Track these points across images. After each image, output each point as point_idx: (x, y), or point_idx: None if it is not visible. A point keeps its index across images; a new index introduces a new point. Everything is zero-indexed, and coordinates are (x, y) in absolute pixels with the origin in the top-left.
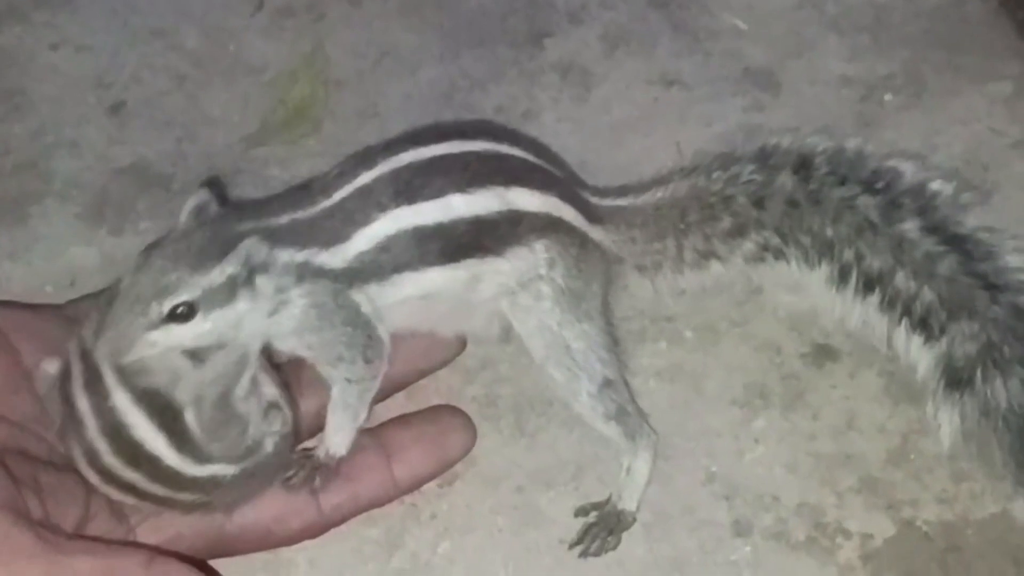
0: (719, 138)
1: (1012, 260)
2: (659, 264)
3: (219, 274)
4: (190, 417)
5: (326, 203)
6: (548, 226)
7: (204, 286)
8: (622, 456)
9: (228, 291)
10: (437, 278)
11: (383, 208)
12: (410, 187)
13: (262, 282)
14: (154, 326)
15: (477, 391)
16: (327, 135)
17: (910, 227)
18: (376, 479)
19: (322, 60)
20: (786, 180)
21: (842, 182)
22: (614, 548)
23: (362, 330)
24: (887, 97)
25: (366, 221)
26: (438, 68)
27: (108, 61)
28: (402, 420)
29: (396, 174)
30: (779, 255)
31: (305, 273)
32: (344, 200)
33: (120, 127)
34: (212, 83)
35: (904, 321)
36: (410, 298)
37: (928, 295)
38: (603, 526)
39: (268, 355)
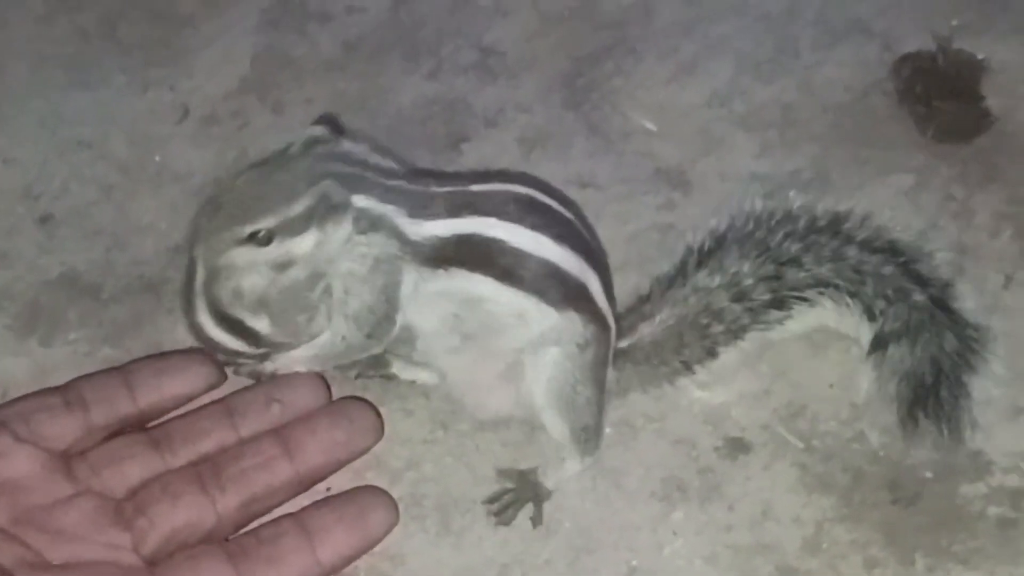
0: (634, 237)
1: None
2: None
3: (298, 207)
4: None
5: (432, 187)
6: (596, 307)
7: (282, 217)
8: (563, 451)
9: (304, 223)
10: (490, 291)
11: (477, 212)
12: (509, 209)
13: (334, 221)
14: (238, 244)
15: (403, 491)
16: None
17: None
18: (300, 561)
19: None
20: (741, 264)
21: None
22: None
23: (387, 306)
24: (792, 193)
25: (457, 214)
26: None
27: (37, 172)
28: (322, 501)
29: (502, 195)
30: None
31: (380, 226)
32: (449, 193)
33: (49, 237)
34: (140, 192)
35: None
36: (453, 297)
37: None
38: (521, 493)
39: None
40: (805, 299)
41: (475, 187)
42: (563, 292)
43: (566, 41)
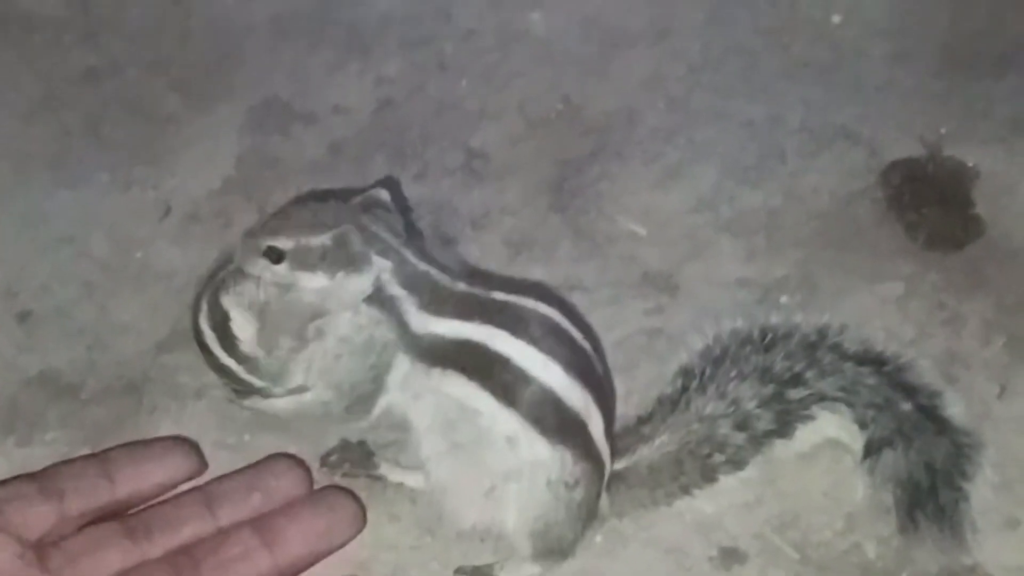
0: (621, 342)
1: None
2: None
3: (313, 242)
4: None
5: (456, 283)
6: (592, 446)
7: (297, 243)
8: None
9: (316, 259)
10: (484, 405)
11: (490, 322)
12: (525, 326)
13: (347, 272)
14: (257, 253)
15: None
16: None
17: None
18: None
19: None
20: (741, 388)
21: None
22: None
23: (372, 386)
24: (783, 299)
25: (469, 318)
26: None
27: (17, 270)
28: (285, 506)
29: (523, 310)
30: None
31: (386, 307)
32: (470, 294)
33: (29, 336)
34: (121, 290)
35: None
36: (443, 402)
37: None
38: None
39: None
40: (807, 417)
41: (498, 295)
42: (560, 425)
43: (551, 145)
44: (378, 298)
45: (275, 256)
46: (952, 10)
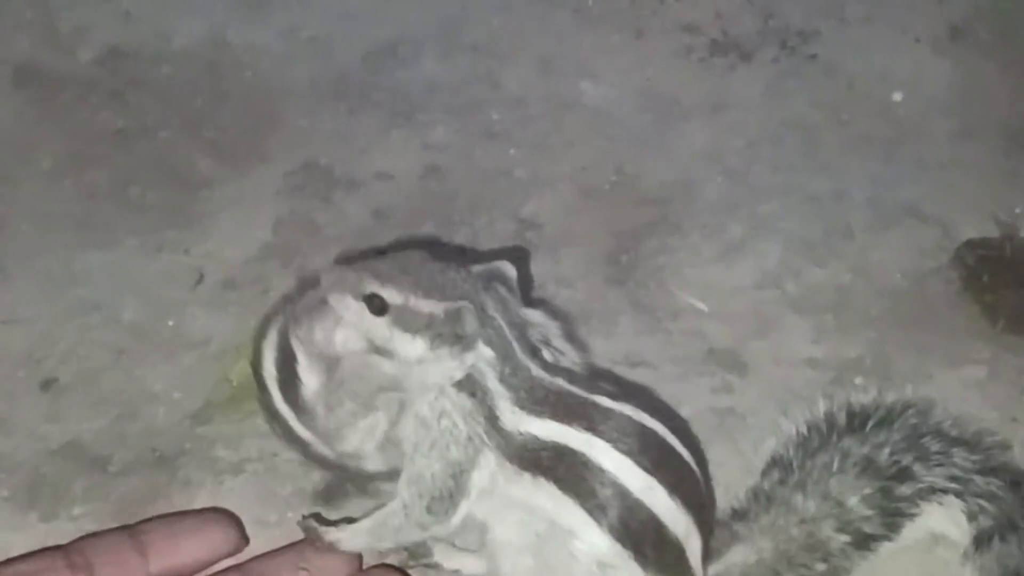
0: (690, 421)
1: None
2: None
3: (423, 305)
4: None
5: (560, 382)
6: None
7: (405, 302)
8: None
9: (420, 325)
10: (577, 523)
11: (591, 430)
12: (628, 439)
13: (449, 349)
14: (356, 295)
15: None
16: None
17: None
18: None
19: None
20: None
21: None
22: None
23: (452, 484)
24: (857, 380)
25: (569, 422)
26: None
27: (41, 334)
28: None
29: (627, 420)
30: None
31: (475, 392)
32: (572, 395)
33: (53, 405)
34: (152, 358)
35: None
36: (535, 512)
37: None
38: None
39: None
40: (915, 513)
41: (602, 399)
42: (659, 554)
43: (607, 216)
44: (470, 386)
45: (377, 306)
46: (1012, 89)
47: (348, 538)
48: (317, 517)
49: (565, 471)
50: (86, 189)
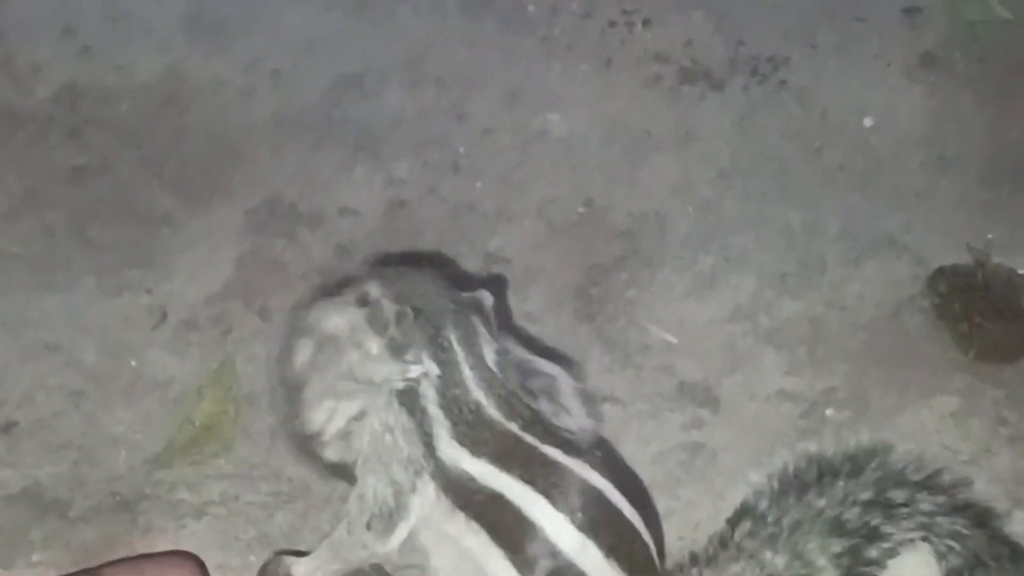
0: (660, 457)
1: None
2: None
3: (390, 308)
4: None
5: (511, 427)
6: None
7: (379, 300)
8: None
9: (381, 325)
10: (484, 556)
11: (529, 481)
12: (570, 498)
13: (395, 356)
14: (356, 287)
15: None
16: (239, 455)
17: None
18: None
19: (231, 375)
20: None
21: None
22: None
23: (395, 502)
24: (829, 412)
25: (507, 468)
26: None
27: None
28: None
29: (573, 477)
30: None
31: (414, 412)
32: (516, 439)
33: (10, 449)
34: (111, 401)
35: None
36: (463, 556)
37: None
38: None
39: None
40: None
41: (549, 450)
42: None
43: (575, 249)
44: (409, 404)
45: (361, 299)
46: (989, 118)
47: (309, 567)
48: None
49: (497, 519)
50: (44, 228)
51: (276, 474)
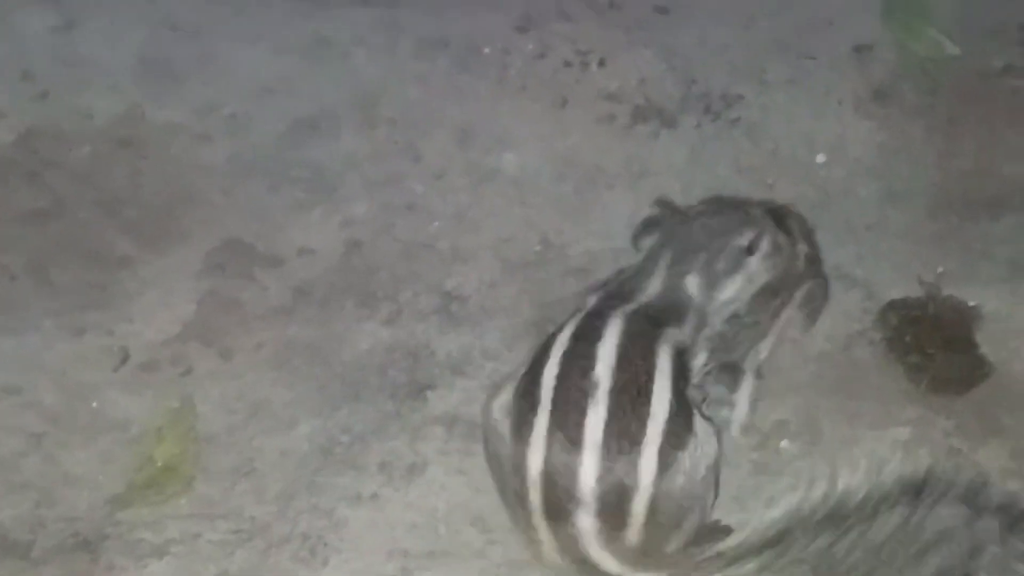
0: None
1: None
2: None
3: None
4: None
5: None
6: None
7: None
8: None
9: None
10: None
11: None
12: None
13: None
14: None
15: None
16: (199, 495)
17: None
18: None
19: (191, 415)
20: None
21: None
22: None
23: None
24: (783, 444)
25: None
26: (316, 422)
27: None
28: None
29: None
30: None
31: None
32: None
33: None
34: (71, 442)
35: None
36: None
37: None
38: None
39: None
40: None
41: None
42: None
43: (532, 287)
44: None
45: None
46: (938, 151)
47: None
48: None
49: None
50: (3, 272)
51: (236, 512)
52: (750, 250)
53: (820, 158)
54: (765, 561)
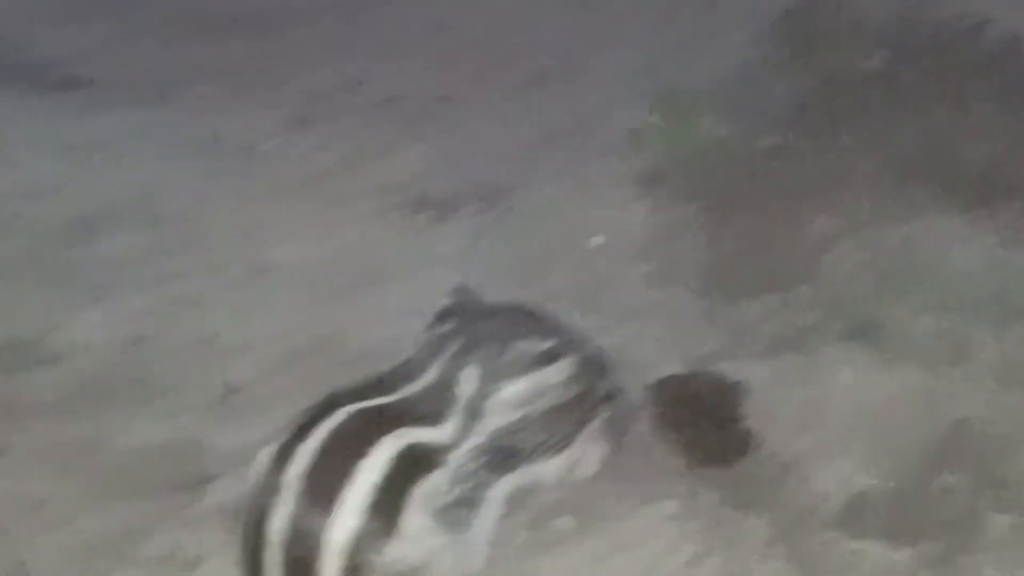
0: None
1: None
2: None
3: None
4: None
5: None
6: None
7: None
8: None
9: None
10: None
11: None
12: None
13: None
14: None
15: None
16: None
17: None
18: None
19: None
20: None
21: None
22: None
23: None
24: (558, 521)
25: None
26: (93, 517)
27: None
28: None
29: None
30: None
31: None
32: None
33: None
34: None
35: None
36: None
37: None
38: None
39: None
40: None
41: None
42: None
43: (311, 376)
44: None
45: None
46: (708, 233)
47: None
48: None
49: None
50: None
51: None
52: (546, 359)
53: (593, 243)
54: None
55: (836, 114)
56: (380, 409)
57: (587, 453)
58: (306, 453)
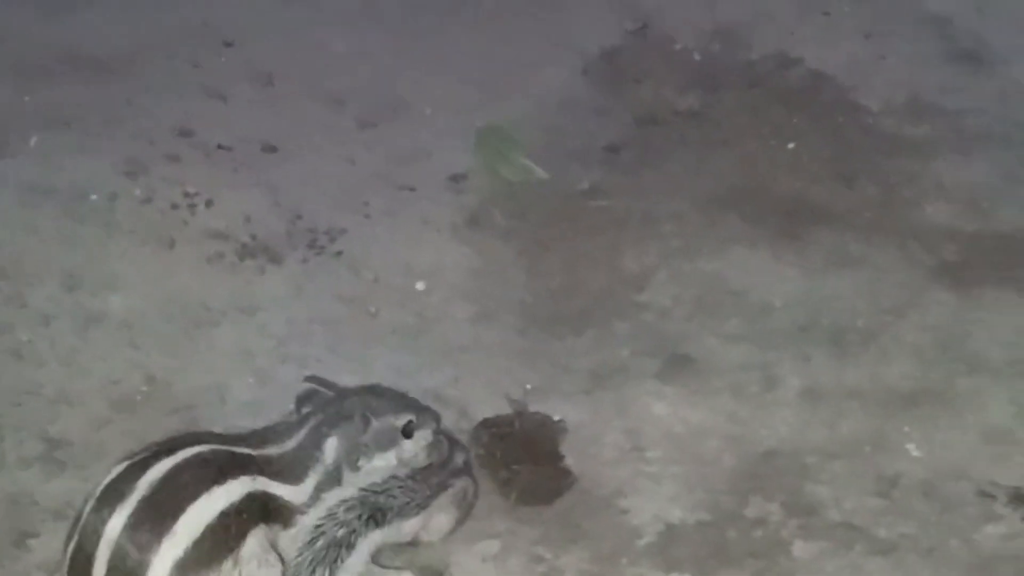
0: None
1: None
2: None
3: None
4: None
5: None
6: None
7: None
8: None
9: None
10: None
11: None
12: None
13: None
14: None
15: None
16: None
17: None
18: None
19: None
20: None
21: None
22: None
23: None
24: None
25: None
26: None
27: None
28: None
29: None
30: None
31: None
32: None
33: None
34: None
35: None
36: None
37: None
38: None
39: None
40: None
41: None
42: None
43: (137, 426)
44: None
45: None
46: (528, 271)
47: None
48: None
49: None
50: None
51: None
52: (405, 432)
53: (419, 285)
54: None
55: (650, 152)
56: (237, 455)
57: (441, 516)
58: (148, 481)
